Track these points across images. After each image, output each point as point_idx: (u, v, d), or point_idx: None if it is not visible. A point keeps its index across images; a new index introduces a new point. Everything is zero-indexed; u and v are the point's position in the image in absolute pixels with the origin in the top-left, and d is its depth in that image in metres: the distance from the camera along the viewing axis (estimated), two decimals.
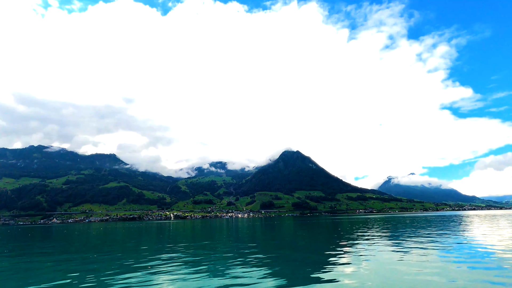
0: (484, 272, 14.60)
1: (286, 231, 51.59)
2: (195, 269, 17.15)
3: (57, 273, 17.50)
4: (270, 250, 25.56)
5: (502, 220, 61.84)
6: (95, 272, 17.10)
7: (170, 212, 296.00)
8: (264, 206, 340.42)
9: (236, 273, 15.98)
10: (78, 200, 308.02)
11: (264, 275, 15.27)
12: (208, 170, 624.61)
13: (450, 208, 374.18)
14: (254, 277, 14.89)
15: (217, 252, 25.08)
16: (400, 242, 27.29)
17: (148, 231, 64.45)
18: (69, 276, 16.22)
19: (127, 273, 16.53)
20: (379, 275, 14.52)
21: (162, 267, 17.93)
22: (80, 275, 16.57)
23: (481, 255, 19.04)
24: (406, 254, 19.99)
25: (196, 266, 18.25)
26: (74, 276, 16.33)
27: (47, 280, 15.64)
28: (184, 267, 17.84)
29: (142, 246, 31.89)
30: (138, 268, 18.04)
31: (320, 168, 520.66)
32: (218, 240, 37.95)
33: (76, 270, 18.03)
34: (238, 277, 15.06)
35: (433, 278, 13.59)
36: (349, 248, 24.05)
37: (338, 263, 17.84)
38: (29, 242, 45.12)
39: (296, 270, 16.57)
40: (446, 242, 26.49)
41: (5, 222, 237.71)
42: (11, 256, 26.77)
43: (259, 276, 15.05)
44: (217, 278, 14.87)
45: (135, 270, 17.22)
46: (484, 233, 33.82)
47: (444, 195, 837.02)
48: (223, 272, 16.33)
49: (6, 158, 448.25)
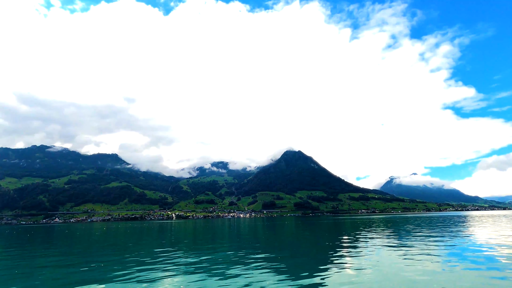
0: (487, 274, 14.31)
1: (288, 231, 50.93)
2: (198, 272, 16.54)
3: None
4: (273, 251, 24.92)
5: (507, 221, 60.91)
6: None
7: (172, 212, 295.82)
8: (266, 206, 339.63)
9: (236, 274, 15.66)
10: (80, 199, 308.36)
11: (265, 276, 15.07)
12: (210, 170, 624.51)
13: (453, 209, 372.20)
14: (255, 277, 14.82)
15: (225, 255, 24.43)
16: (412, 244, 26.57)
17: (151, 232, 63.95)
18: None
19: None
20: (385, 278, 14.11)
21: (166, 271, 17.31)
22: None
23: (488, 258, 18.51)
24: (410, 256, 19.31)
25: (201, 269, 17.64)
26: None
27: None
28: (186, 270, 17.26)
29: (155, 248, 31.25)
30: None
31: (322, 168, 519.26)
32: (224, 242, 37.32)
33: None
34: (238, 278, 14.77)
35: (435, 279, 13.35)
36: (353, 250, 23.40)
37: (340, 264, 17.71)
38: (26, 245, 39.34)
39: (297, 270, 16.31)
40: (452, 243, 25.92)
41: (8, 222, 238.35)
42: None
43: (260, 277, 14.88)
44: (217, 280, 14.42)
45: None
46: (490, 234, 32.99)
47: (446, 195, 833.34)
48: (224, 274, 15.76)
49: (8, 158, 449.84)
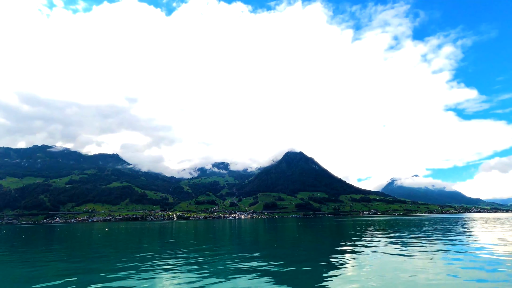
0: (489, 277, 14.04)
1: (290, 230, 49.85)
2: (198, 272, 15.60)
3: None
4: (274, 252, 24.04)
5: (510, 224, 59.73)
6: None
7: (173, 212, 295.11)
8: (267, 207, 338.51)
9: (238, 275, 15.32)
10: (81, 199, 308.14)
11: (265, 279, 14.80)
12: (211, 170, 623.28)
13: (456, 211, 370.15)
14: (255, 278, 14.69)
15: (225, 256, 23.43)
16: (416, 246, 25.54)
17: (152, 232, 62.98)
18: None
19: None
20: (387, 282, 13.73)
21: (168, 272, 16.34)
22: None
23: (490, 262, 17.97)
24: (413, 259, 18.45)
25: (201, 269, 16.74)
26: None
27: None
28: (188, 272, 16.54)
29: (157, 248, 30.30)
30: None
31: (323, 169, 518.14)
32: (224, 243, 36.30)
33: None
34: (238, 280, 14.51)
35: (436, 282, 13.12)
36: (355, 252, 22.40)
37: (340, 265, 17.62)
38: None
39: (299, 274, 16.03)
40: (455, 246, 25.43)
41: (9, 221, 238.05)
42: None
43: (260, 280, 14.59)
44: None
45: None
46: (493, 238, 32.28)
47: (448, 197, 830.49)
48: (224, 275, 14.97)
49: (10, 158, 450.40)
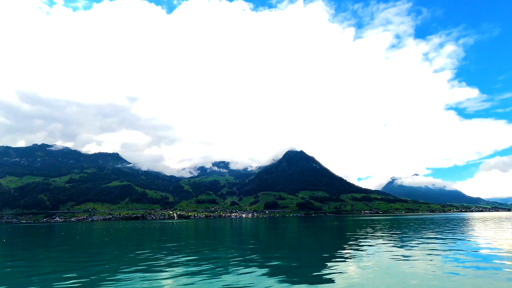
0: (489, 276, 13.89)
1: (291, 231, 48.35)
2: (198, 273, 14.07)
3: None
4: (275, 253, 23.09)
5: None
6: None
7: (173, 211, 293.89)
8: (268, 206, 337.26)
9: (236, 277, 15.17)
10: (81, 198, 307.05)
11: (265, 279, 14.64)
12: (211, 169, 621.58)
13: (457, 210, 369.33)
14: (255, 279, 14.56)
15: (226, 257, 21.88)
16: (418, 246, 24.05)
17: (153, 231, 61.41)
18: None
19: None
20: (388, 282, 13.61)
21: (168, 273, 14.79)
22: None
23: (490, 260, 17.78)
24: (415, 258, 17.66)
25: (202, 269, 15.46)
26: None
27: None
28: (188, 272, 16.08)
29: (158, 249, 28.72)
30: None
31: (324, 168, 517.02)
32: (226, 243, 34.75)
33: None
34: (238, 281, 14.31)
35: (436, 283, 12.98)
36: (356, 252, 21.08)
37: (342, 266, 17.55)
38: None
39: (298, 273, 16.05)
40: (456, 245, 25.14)
41: (8, 220, 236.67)
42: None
43: (261, 279, 14.52)
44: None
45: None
46: (494, 237, 31.58)
47: (448, 197, 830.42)
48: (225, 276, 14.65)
49: (9, 157, 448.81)
